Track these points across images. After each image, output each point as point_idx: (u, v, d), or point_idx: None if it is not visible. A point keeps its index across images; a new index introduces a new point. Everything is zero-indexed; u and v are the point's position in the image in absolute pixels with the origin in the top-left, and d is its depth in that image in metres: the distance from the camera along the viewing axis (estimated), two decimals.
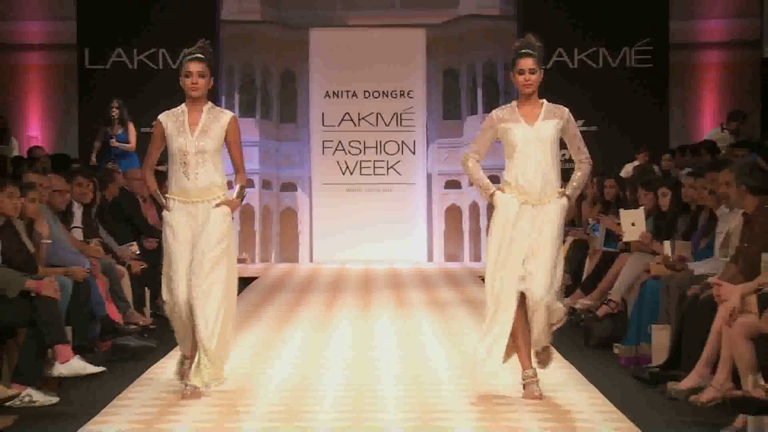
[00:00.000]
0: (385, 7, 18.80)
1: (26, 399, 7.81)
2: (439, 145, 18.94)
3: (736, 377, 7.57)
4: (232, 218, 8.34)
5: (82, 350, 8.93)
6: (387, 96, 18.91)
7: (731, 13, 17.98)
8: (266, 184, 18.93)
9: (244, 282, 15.99)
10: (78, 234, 11.02)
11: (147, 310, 11.89)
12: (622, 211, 10.88)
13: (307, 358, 10.19)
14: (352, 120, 18.92)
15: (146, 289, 12.05)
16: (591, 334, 10.43)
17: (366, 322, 12.47)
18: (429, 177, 18.95)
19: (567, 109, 7.93)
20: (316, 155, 18.95)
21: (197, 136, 7.98)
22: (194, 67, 8.12)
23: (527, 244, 7.78)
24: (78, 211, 11.38)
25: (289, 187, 19.05)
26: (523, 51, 7.86)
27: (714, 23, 18.00)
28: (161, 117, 8.08)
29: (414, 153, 18.91)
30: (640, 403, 8.02)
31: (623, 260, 10.58)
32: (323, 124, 18.93)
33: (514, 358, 8.08)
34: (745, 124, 16.64)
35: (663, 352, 9.00)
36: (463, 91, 18.89)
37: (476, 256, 18.75)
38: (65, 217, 10.76)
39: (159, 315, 12.09)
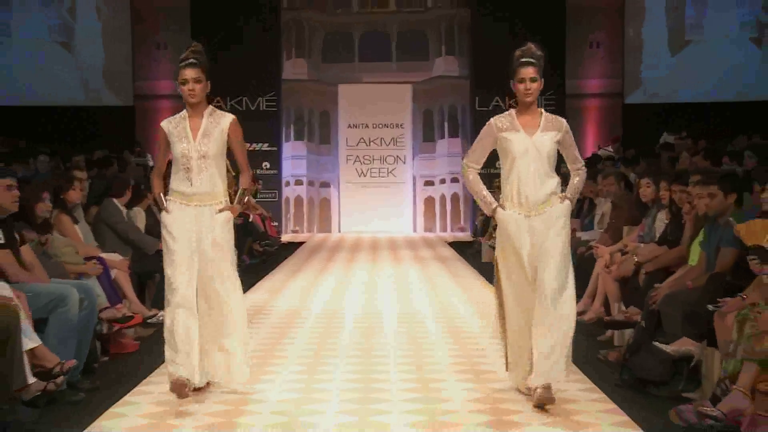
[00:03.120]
0: (386, 71, 18.74)
1: (160, 318, 7.81)
2: (420, 158, 18.91)
3: (607, 305, 7.62)
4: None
5: None
6: (387, 127, 18.88)
7: (605, 75, 17.96)
8: (311, 183, 18.91)
9: (297, 245, 16.06)
10: None
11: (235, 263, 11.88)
12: None
13: (337, 292, 10.24)
14: (365, 142, 18.90)
15: (236, 249, 12.01)
16: None
17: (373, 269, 12.45)
18: (414, 178, 18.94)
19: (565, 121, 5.44)
20: (342, 164, 18.94)
21: (199, 141, 5.47)
22: (189, 74, 5.45)
23: (535, 253, 5.22)
24: None
25: (326, 185, 19.03)
26: (524, 60, 5.33)
27: (593, 81, 17.99)
28: (163, 124, 5.62)
29: (405, 163, 18.90)
30: None
31: None
32: (347, 145, 18.90)
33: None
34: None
35: None
36: (436, 124, 18.86)
37: (443, 229, 18.74)
38: None
39: (242, 267, 12.13)
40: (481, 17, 17.73)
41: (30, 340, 5.36)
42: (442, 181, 18.86)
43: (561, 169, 5.55)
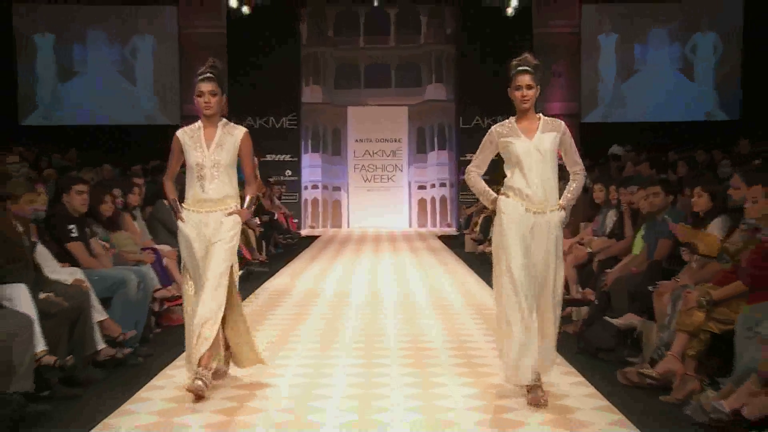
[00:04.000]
0: (387, 95, 18.71)
1: None
2: (415, 167, 18.87)
3: (567, 287, 7.63)
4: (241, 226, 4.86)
5: None
6: (387, 141, 18.86)
7: (565, 99, 17.92)
8: (325, 187, 18.89)
9: (314, 238, 16.07)
10: None
11: (263, 253, 11.92)
12: None
13: (346, 276, 10.26)
14: (369, 154, 18.87)
15: (263, 242, 12.07)
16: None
17: (376, 257, 12.45)
18: (409, 183, 18.91)
19: (563, 123, 4.70)
20: (351, 172, 18.91)
21: (213, 150, 4.77)
22: (206, 87, 4.77)
23: (530, 248, 4.52)
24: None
25: (337, 188, 19.01)
26: (520, 68, 4.64)
27: (555, 104, 17.89)
28: (178, 133, 4.88)
29: (402, 171, 18.87)
30: None
31: None
32: (354, 156, 18.87)
33: None
34: None
35: None
36: (427, 139, 18.85)
37: (433, 225, 18.72)
38: None
39: (269, 256, 12.15)
40: (464, 52, 17.74)
41: (99, 314, 5.42)
42: (432, 186, 18.88)
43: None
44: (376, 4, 17.42)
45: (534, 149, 4.55)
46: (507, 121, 4.70)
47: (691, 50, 17.40)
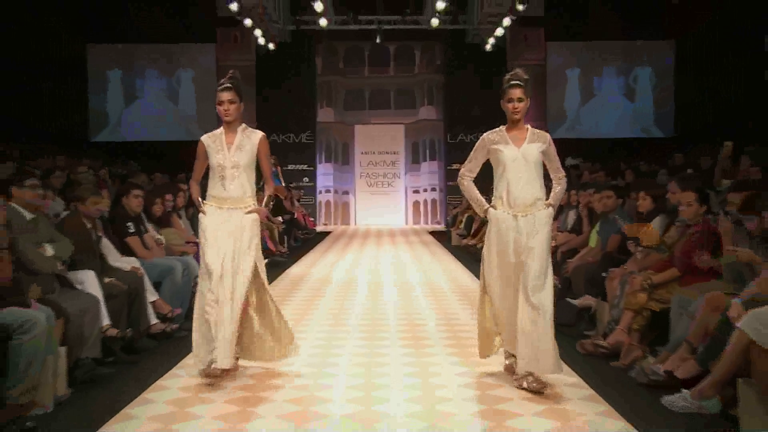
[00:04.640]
0: (387, 116, 18.76)
1: None
2: (410, 174, 18.88)
3: None
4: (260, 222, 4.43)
5: None
6: (387, 153, 18.88)
7: (533, 118, 17.75)
8: (336, 191, 18.94)
9: (327, 233, 16.09)
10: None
11: (285, 246, 11.92)
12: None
13: (353, 265, 10.24)
14: (373, 163, 18.88)
15: (284, 236, 12.08)
16: (477, 254, 10.45)
17: (378, 248, 12.43)
18: (406, 188, 18.95)
19: (548, 134, 4.23)
20: (357, 179, 18.94)
21: (233, 152, 4.35)
22: (225, 96, 4.41)
23: (521, 250, 4.03)
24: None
25: (346, 192, 19.03)
26: (512, 82, 4.15)
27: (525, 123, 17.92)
28: (203, 138, 4.50)
29: (399, 178, 18.89)
30: None
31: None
32: (360, 166, 18.90)
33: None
34: None
35: None
36: (420, 152, 18.89)
37: (425, 223, 18.72)
38: None
39: (289, 248, 12.15)
40: (451, 80, 17.76)
41: (151, 295, 5.47)
42: (425, 190, 18.93)
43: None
44: (378, 41, 17.45)
45: (521, 157, 4.12)
46: (498, 129, 4.24)
47: (633, 81, 17.70)
